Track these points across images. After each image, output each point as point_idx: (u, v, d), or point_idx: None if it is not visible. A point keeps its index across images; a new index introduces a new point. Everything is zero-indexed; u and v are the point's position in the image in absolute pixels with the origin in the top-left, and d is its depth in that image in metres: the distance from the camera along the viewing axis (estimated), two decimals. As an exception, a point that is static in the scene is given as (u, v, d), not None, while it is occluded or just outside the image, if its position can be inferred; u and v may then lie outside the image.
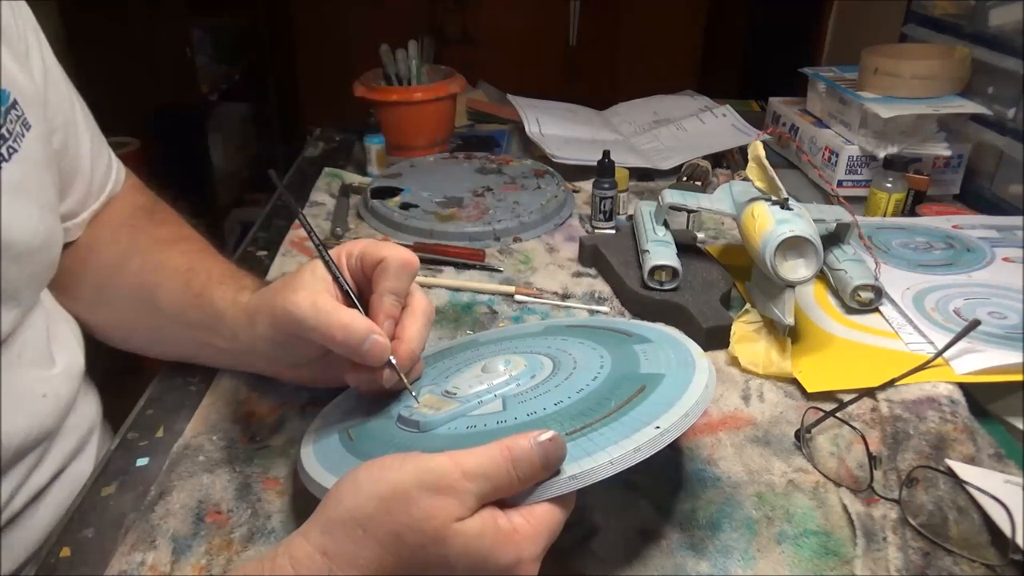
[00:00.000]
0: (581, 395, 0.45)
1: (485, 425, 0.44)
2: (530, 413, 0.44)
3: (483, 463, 0.36)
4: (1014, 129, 0.95)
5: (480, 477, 0.36)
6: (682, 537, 0.49)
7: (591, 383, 0.47)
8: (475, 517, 0.36)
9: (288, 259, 0.86)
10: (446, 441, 0.44)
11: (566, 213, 0.97)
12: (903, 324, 0.70)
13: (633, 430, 0.40)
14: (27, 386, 0.53)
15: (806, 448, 0.56)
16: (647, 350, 0.52)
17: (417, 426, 0.46)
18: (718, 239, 0.91)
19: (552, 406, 0.45)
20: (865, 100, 0.96)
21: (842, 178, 1.00)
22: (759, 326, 0.69)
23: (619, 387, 0.46)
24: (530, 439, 0.37)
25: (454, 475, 0.36)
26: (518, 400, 0.46)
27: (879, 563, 0.47)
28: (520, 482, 0.37)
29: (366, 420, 0.50)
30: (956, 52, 0.99)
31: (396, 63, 1.16)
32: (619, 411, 0.43)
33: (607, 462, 0.38)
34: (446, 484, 0.36)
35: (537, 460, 0.37)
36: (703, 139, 1.18)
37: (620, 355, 0.51)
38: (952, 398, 0.60)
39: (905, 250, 0.84)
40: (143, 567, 0.47)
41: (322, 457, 0.48)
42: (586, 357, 0.51)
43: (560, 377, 0.49)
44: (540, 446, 0.37)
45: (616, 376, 0.48)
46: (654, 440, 0.40)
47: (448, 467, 0.36)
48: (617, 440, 0.40)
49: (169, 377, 0.66)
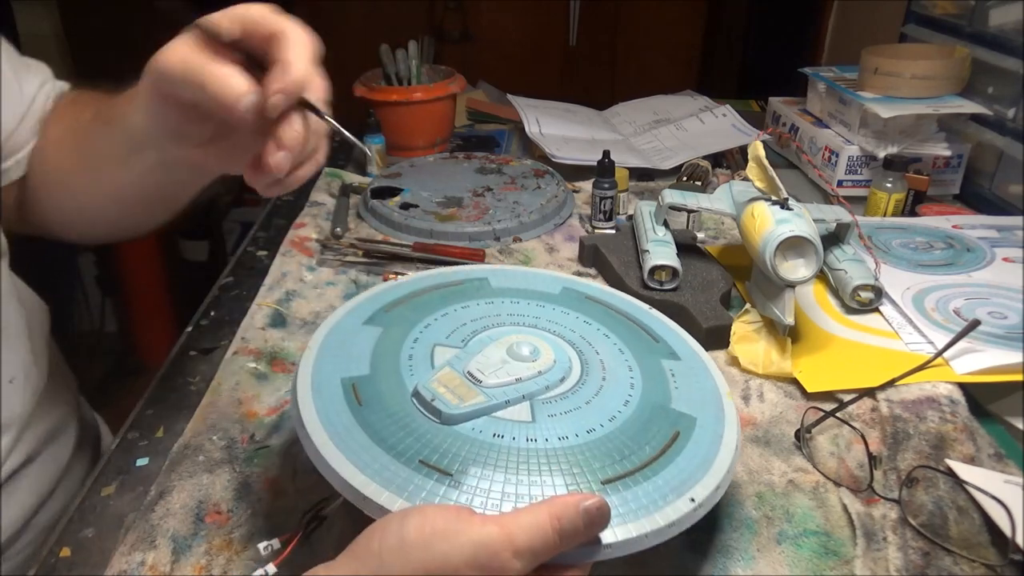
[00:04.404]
0: (614, 425, 0.45)
1: (514, 439, 0.43)
2: (561, 437, 0.43)
3: (535, 539, 0.35)
4: (1014, 129, 0.95)
5: (529, 553, 0.35)
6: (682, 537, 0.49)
7: (623, 409, 0.47)
8: None
9: (288, 259, 0.86)
10: (470, 446, 0.42)
11: (566, 213, 0.97)
12: (903, 324, 0.70)
13: (667, 499, 0.41)
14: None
15: (806, 448, 0.56)
16: (676, 372, 0.52)
17: (439, 416, 0.44)
18: (718, 239, 0.91)
19: (585, 433, 0.44)
20: (865, 100, 0.96)
21: (842, 178, 1.00)
22: (759, 326, 0.69)
23: (652, 425, 0.46)
24: (578, 506, 0.36)
25: (506, 554, 0.34)
26: (547, 411, 0.46)
27: (879, 563, 0.47)
28: (561, 547, 0.36)
29: (373, 375, 0.47)
30: (956, 52, 0.99)
31: (396, 63, 1.17)
32: (655, 463, 0.43)
33: (643, 535, 0.39)
34: (498, 564, 0.34)
35: (581, 527, 0.36)
36: (703, 139, 1.18)
37: (649, 373, 0.51)
38: (952, 398, 0.60)
39: (905, 250, 0.84)
40: (143, 567, 0.47)
41: (324, 417, 0.43)
42: (615, 365, 0.51)
43: (590, 389, 0.48)
44: (587, 514, 0.36)
45: (648, 406, 0.48)
46: (689, 515, 0.41)
47: (501, 544, 0.35)
48: (651, 511, 0.40)
49: (169, 377, 0.66)
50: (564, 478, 0.41)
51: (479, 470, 0.40)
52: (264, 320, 0.74)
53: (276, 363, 0.68)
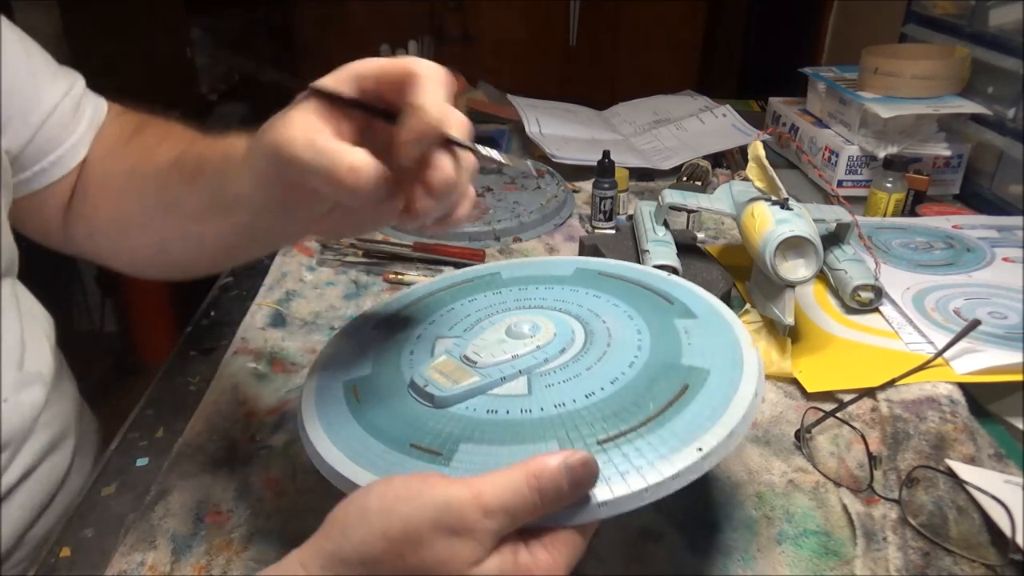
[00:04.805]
0: (616, 387, 0.41)
1: (508, 412, 0.40)
2: (558, 404, 0.40)
3: (507, 498, 0.32)
4: (1014, 129, 0.95)
5: (502, 512, 0.32)
6: (682, 537, 0.49)
7: (627, 371, 0.43)
8: (493, 557, 0.33)
9: (288, 259, 0.86)
10: (463, 425, 0.40)
11: (566, 213, 0.97)
12: (903, 324, 0.70)
13: (672, 449, 0.36)
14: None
15: (806, 448, 0.56)
16: (690, 329, 0.47)
17: (432, 400, 0.42)
18: (718, 239, 0.91)
19: (583, 398, 0.41)
20: (865, 100, 0.96)
21: (842, 178, 1.00)
22: (759, 326, 0.68)
23: (658, 383, 0.41)
24: (560, 464, 0.33)
25: (474, 514, 0.32)
26: (545, 382, 0.42)
27: (879, 563, 0.47)
28: (544, 509, 0.33)
29: (374, 374, 0.47)
30: (956, 52, 0.99)
31: (396, 63, 1.16)
32: (658, 418, 0.38)
33: (642, 489, 0.34)
34: (465, 525, 0.32)
35: (566, 486, 0.33)
36: (703, 139, 1.18)
37: (660, 333, 0.47)
38: (952, 398, 0.60)
39: (905, 250, 0.84)
40: (143, 567, 0.47)
41: (325, 420, 0.43)
42: (622, 329, 0.47)
43: (592, 356, 0.44)
44: (570, 471, 0.33)
45: (655, 365, 0.43)
46: (695, 465, 0.36)
47: (468, 505, 0.32)
48: (654, 461, 0.35)
49: (169, 377, 0.66)
50: (559, 445, 0.38)
51: (470, 446, 0.39)
52: (264, 320, 0.74)
53: (276, 363, 0.68)
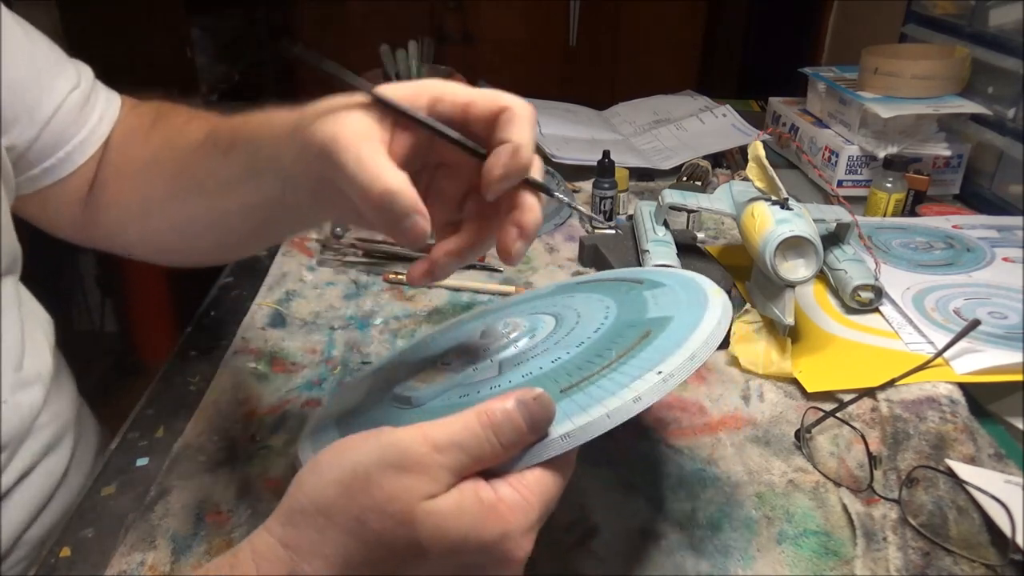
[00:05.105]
0: (581, 348, 0.42)
1: (479, 392, 0.41)
2: (525, 375, 0.41)
3: (456, 432, 0.33)
4: (1014, 129, 0.95)
5: (453, 448, 0.33)
6: (682, 537, 0.49)
7: (593, 335, 0.43)
8: (451, 492, 0.33)
9: (288, 259, 0.86)
10: (438, 414, 0.40)
11: (566, 213, 0.97)
12: (903, 324, 0.70)
13: (633, 378, 0.36)
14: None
15: (806, 448, 0.56)
16: (657, 295, 0.48)
17: (409, 401, 0.43)
18: (718, 239, 0.91)
19: (549, 364, 0.41)
20: (865, 100, 0.96)
21: (842, 178, 1.00)
22: (759, 326, 0.69)
23: (622, 335, 0.42)
24: (511, 400, 0.34)
25: (422, 449, 0.32)
26: (515, 362, 0.43)
27: (879, 563, 0.47)
28: (505, 449, 0.33)
29: (364, 408, 0.48)
30: (956, 52, 0.99)
31: (396, 63, 1.17)
32: (620, 360, 0.39)
33: (603, 415, 0.34)
34: (413, 461, 0.32)
35: (522, 423, 0.33)
36: (703, 139, 1.18)
37: (627, 302, 0.48)
38: (952, 398, 0.60)
39: (905, 250, 0.84)
40: (143, 567, 0.47)
41: (317, 444, 0.45)
42: (590, 309, 0.48)
43: (561, 333, 0.45)
44: (523, 406, 0.33)
45: (620, 324, 0.44)
46: (655, 387, 0.36)
47: (415, 441, 0.33)
48: (615, 391, 0.36)
49: (169, 377, 0.66)
50: None
51: None
52: (264, 320, 0.74)
53: (276, 363, 0.68)
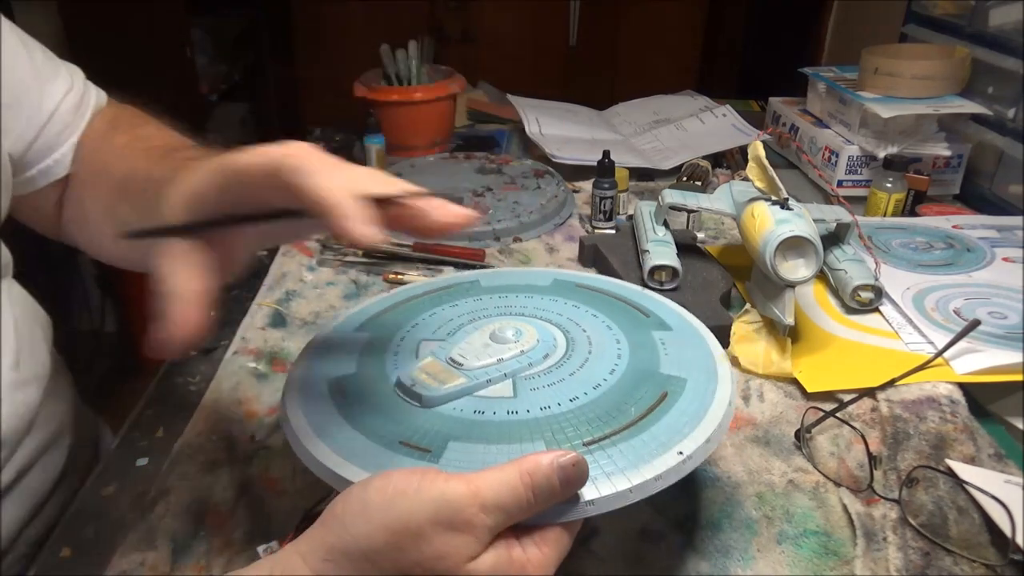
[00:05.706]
0: (599, 392, 0.44)
1: (495, 413, 0.42)
2: (544, 407, 0.42)
3: (503, 495, 0.34)
4: (1014, 129, 0.95)
5: (498, 510, 0.34)
6: (682, 537, 0.49)
7: (608, 377, 0.45)
8: (489, 552, 0.34)
9: (288, 259, 0.86)
10: (451, 424, 0.41)
11: (566, 213, 0.97)
12: (903, 324, 0.70)
13: (654, 454, 0.39)
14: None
15: (806, 448, 0.56)
16: (666, 341, 0.50)
17: (419, 400, 0.43)
18: (718, 239, 0.91)
19: (568, 402, 0.43)
20: (865, 100, 0.96)
21: (842, 178, 1.00)
22: (759, 326, 0.69)
23: (639, 389, 0.44)
24: (552, 463, 0.35)
25: (472, 509, 0.33)
26: (530, 386, 0.44)
27: (879, 563, 0.47)
28: (536, 507, 0.35)
29: (358, 373, 0.47)
30: (956, 52, 0.99)
31: (396, 63, 1.16)
32: (640, 422, 0.41)
33: (627, 489, 0.37)
34: (463, 520, 0.33)
35: (558, 485, 0.35)
36: (703, 139, 1.18)
37: (638, 344, 0.49)
38: (952, 398, 0.60)
39: (905, 250, 0.84)
40: (143, 567, 0.47)
41: (312, 417, 0.44)
42: (602, 340, 0.50)
43: (575, 363, 0.47)
44: (562, 471, 0.35)
45: (635, 373, 0.46)
46: (676, 468, 0.38)
47: (466, 500, 0.33)
48: (637, 465, 0.38)
49: (169, 377, 0.66)
50: (546, 444, 0.40)
51: (459, 444, 0.40)
52: (264, 320, 0.74)
53: (276, 363, 0.68)
